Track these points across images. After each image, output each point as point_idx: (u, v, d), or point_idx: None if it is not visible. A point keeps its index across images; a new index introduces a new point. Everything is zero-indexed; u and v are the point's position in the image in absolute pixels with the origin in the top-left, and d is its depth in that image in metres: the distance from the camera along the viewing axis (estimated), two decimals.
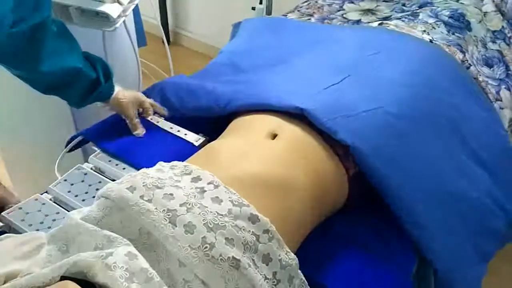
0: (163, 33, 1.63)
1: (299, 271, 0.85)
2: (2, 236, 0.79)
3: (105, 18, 1.15)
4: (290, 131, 1.05)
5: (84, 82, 1.14)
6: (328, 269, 0.96)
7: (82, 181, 1.11)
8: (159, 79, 1.57)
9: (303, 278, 0.86)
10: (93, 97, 1.19)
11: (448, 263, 1.06)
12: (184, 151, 1.15)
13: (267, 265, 0.80)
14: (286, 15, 1.76)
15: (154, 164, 0.95)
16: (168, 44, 1.82)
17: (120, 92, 1.24)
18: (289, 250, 0.84)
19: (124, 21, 1.25)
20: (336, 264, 0.97)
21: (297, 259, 0.85)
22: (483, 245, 1.14)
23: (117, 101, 1.23)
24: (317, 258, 0.98)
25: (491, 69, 1.46)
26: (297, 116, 1.08)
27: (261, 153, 0.98)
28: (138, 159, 1.15)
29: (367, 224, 1.07)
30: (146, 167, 0.94)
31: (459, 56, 1.36)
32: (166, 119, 1.32)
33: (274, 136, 1.04)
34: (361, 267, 0.98)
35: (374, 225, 1.07)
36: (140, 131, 1.24)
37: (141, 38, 1.83)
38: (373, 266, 0.98)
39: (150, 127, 1.27)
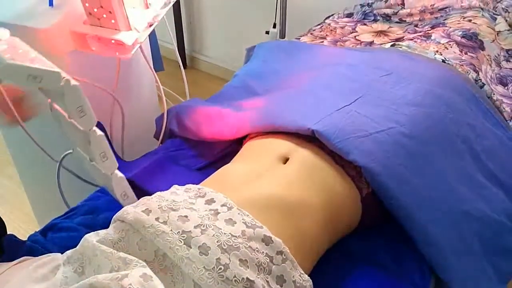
0: (179, 57, 1.66)
1: None
2: (21, 258, 0.81)
3: (120, 46, 1.18)
4: (302, 153, 1.06)
5: None
6: None
7: None
8: (175, 103, 1.60)
9: None
10: None
11: (464, 284, 1.04)
12: None
13: (281, 286, 0.80)
14: (299, 38, 1.78)
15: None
16: (185, 68, 1.86)
17: None
18: (303, 272, 0.84)
19: (140, 47, 1.28)
20: (350, 285, 0.97)
21: (311, 280, 0.85)
22: (502, 265, 1.12)
23: None
24: (331, 278, 0.98)
25: (506, 87, 1.45)
26: (309, 137, 1.09)
27: (274, 176, 0.99)
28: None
29: (382, 243, 1.07)
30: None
31: (472, 75, 1.37)
32: (184, 140, 1.34)
33: (286, 160, 1.06)
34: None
35: (389, 245, 1.06)
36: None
37: (158, 63, 1.87)
38: (389, 287, 0.98)
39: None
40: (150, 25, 1.26)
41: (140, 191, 1.15)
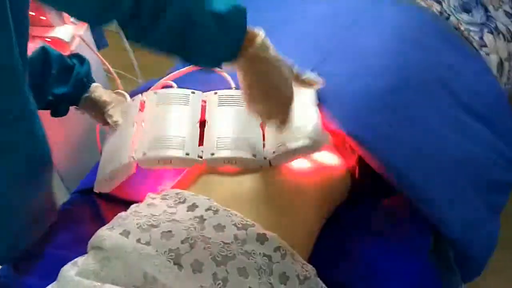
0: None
1: (318, 278, 0.81)
2: None
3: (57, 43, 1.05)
4: None
5: None
6: (343, 264, 0.92)
7: None
8: (128, 83, 1.49)
9: (323, 285, 0.81)
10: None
11: (462, 230, 1.01)
12: None
13: (285, 285, 0.75)
14: None
15: None
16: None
17: None
18: (305, 262, 0.79)
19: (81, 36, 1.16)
20: (350, 257, 0.94)
21: (315, 269, 0.80)
22: (494, 200, 1.11)
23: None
24: (330, 253, 0.94)
25: (470, 14, 1.39)
26: None
27: None
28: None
29: (378, 208, 1.04)
30: None
31: (436, 7, 1.30)
32: None
33: None
34: (377, 256, 0.94)
35: (385, 208, 1.03)
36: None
37: (100, 39, 1.72)
38: (389, 254, 0.94)
39: None
40: None
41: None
